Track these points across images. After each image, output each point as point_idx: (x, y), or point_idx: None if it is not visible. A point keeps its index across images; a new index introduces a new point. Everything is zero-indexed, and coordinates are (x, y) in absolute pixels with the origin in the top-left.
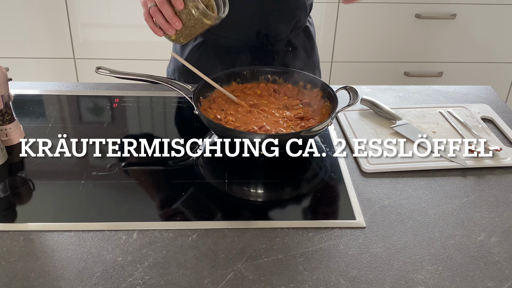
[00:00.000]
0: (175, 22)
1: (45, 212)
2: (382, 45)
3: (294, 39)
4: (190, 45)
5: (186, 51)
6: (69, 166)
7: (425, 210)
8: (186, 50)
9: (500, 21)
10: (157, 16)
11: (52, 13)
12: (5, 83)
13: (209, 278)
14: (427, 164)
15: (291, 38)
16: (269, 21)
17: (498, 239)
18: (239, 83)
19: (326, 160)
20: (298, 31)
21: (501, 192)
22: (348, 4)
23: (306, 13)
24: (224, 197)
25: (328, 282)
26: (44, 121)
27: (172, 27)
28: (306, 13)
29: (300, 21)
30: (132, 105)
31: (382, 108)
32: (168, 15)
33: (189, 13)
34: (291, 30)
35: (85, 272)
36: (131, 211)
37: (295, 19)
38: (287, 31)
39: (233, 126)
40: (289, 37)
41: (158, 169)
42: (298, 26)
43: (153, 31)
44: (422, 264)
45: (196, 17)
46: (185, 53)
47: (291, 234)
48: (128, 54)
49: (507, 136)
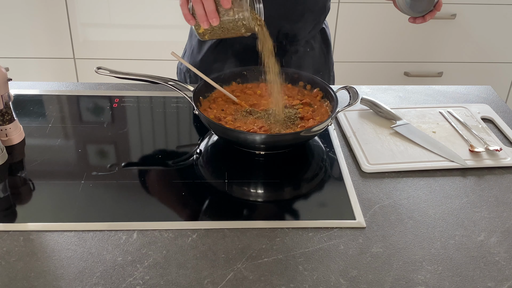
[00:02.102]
0: (213, 19)
1: (45, 212)
2: (382, 45)
3: (312, 40)
4: (208, 42)
5: (204, 49)
6: (69, 166)
7: (425, 210)
8: (204, 48)
9: (500, 21)
10: (198, 6)
11: (52, 13)
12: (5, 83)
13: (209, 278)
14: (427, 164)
15: (309, 39)
16: (290, 22)
17: (498, 239)
18: (239, 83)
19: (326, 160)
20: (316, 33)
21: (501, 192)
22: (349, 4)
23: (325, 15)
24: (224, 197)
25: (328, 282)
26: (44, 121)
27: (208, 21)
28: (325, 15)
29: (319, 23)
30: (132, 105)
31: (382, 108)
32: (209, 10)
33: (232, 16)
34: (310, 31)
35: (85, 272)
36: (131, 211)
37: (315, 21)
38: (306, 32)
39: (233, 126)
40: (306, 38)
41: (158, 169)
42: (316, 28)
43: (184, 18)
44: (422, 264)
45: (237, 23)
46: (203, 51)
47: (291, 234)
48: (128, 54)
49: (507, 136)
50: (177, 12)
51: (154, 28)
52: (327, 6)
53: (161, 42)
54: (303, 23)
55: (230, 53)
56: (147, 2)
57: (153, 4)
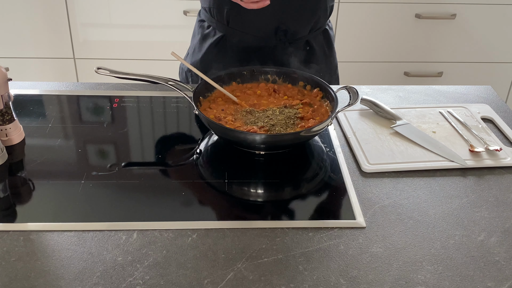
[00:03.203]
0: None
1: (45, 212)
2: (382, 45)
3: (312, 41)
4: (209, 40)
5: (205, 46)
6: (69, 166)
7: (425, 210)
8: (205, 46)
9: (500, 21)
10: None
11: (52, 13)
12: (5, 83)
13: (209, 278)
14: (427, 164)
15: (309, 39)
16: (288, 18)
17: (498, 239)
18: (239, 83)
19: (326, 160)
20: (317, 33)
21: (501, 192)
22: (349, 4)
23: (326, 15)
24: (224, 197)
25: (328, 282)
26: (44, 121)
27: None
28: (326, 15)
29: (319, 22)
30: (132, 105)
31: (382, 108)
32: None
33: None
34: (310, 31)
35: (85, 272)
36: (131, 211)
37: (314, 19)
38: (306, 31)
39: (233, 126)
40: (307, 38)
41: (158, 169)
42: (317, 28)
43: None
44: (422, 264)
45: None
46: (204, 48)
47: (291, 234)
48: (128, 54)
49: (507, 136)
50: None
51: (154, 28)
52: (328, 5)
53: (161, 42)
54: (301, 20)
55: (230, 52)
56: (147, 2)
57: (153, 4)
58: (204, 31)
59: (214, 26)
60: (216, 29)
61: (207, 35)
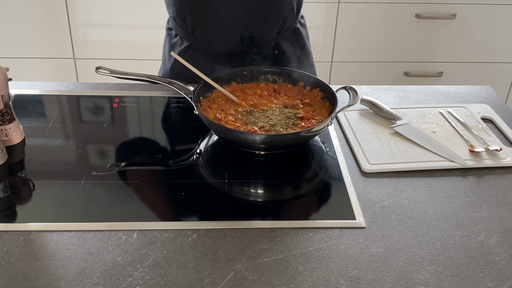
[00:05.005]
0: None
1: (45, 212)
2: (382, 45)
3: (282, 42)
4: (177, 49)
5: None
6: (69, 166)
7: (425, 210)
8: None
9: (500, 21)
10: None
11: (52, 13)
12: (5, 83)
13: (209, 278)
14: (427, 164)
15: (278, 40)
16: (252, 24)
17: (498, 239)
18: (239, 83)
19: (326, 160)
20: (286, 34)
21: (501, 192)
22: (349, 4)
23: (293, 13)
24: (224, 197)
25: (328, 282)
26: (44, 121)
27: None
28: (293, 13)
29: (286, 22)
30: (132, 105)
31: (382, 108)
32: None
33: None
34: (278, 33)
35: (85, 272)
36: (131, 211)
37: (279, 20)
38: (273, 34)
39: (233, 126)
40: (276, 40)
41: (158, 169)
42: (286, 28)
43: None
44: (422, 264)
45: None
46: (172, 59)
47: (291, 234)
48: (128, 54)
49: (507, 136)
50: None
51: (154, 28)
52: (295, 2)
53: (161, 42)
54: (266, 24)
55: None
56: (147, 2)
57: (153, 4)
58: (172, 40)
59: (180, 35)
60: (183, 38)
61: (175, 44)
